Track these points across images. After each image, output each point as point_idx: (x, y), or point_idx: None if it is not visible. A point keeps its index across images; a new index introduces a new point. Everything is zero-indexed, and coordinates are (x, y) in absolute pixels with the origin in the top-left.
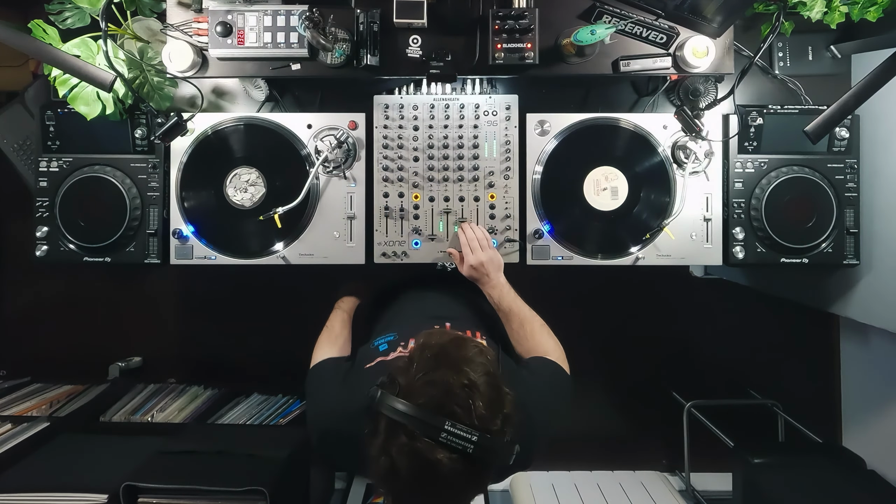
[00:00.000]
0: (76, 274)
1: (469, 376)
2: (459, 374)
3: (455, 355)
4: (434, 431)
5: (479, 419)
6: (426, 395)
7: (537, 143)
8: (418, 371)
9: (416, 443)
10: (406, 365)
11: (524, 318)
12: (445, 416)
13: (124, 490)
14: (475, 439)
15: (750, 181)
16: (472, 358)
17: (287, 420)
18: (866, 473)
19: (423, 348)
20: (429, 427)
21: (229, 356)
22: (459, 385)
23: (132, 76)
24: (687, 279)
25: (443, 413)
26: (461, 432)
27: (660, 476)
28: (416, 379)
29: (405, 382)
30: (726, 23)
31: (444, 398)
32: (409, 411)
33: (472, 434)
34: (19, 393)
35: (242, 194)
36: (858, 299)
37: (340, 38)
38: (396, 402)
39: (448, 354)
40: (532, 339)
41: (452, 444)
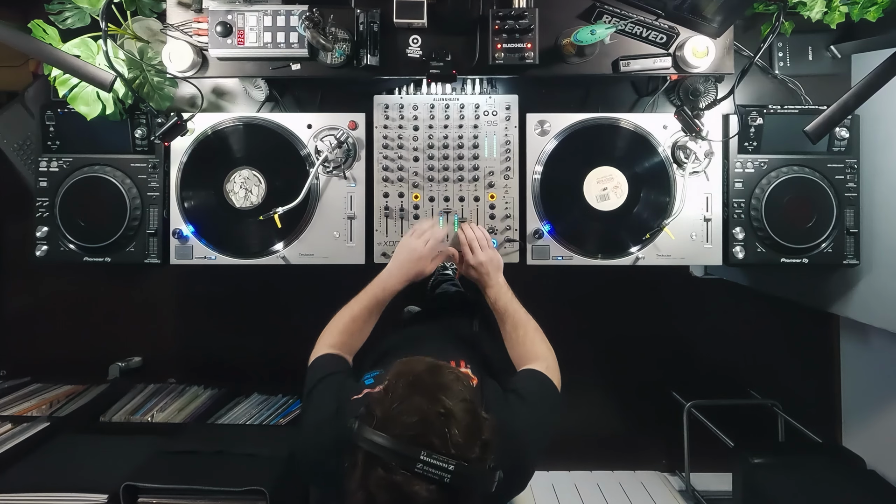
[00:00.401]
0: (76, 274)
1: (445, 404)
2: (435, 403)
3: (430, 382)
4: (410, 462)
5: (456, 447)
6: (401, 426)
7: (537, 143)
8: (393, 401)
9: (393, 475)
10: (382, 395)
11: (518, 321)
12: (421, 447)
13: (124, 490)
14: (452, 468)
15: (750, 181)
16: (448, 385)
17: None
18: (866, 473)
19: (398, 377)
20: (404, 458)
21: (229, 356)
22: (435, 413)
23: (132, 76)
24: (687, 279)
25: (419, 443)
26: (437, 462)
27: (660, 476)
28: (391, 409)
29: (381, 413)
30: (726, 23)
31: (420, 428)
32: (385, 443)
33: (448, 463)
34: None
35: (242, 194)
36: (858, 299)
37: (340, 38)
38: (372, 435)
39: (423, 382)
40: (524, 344)
41: (429, 474)
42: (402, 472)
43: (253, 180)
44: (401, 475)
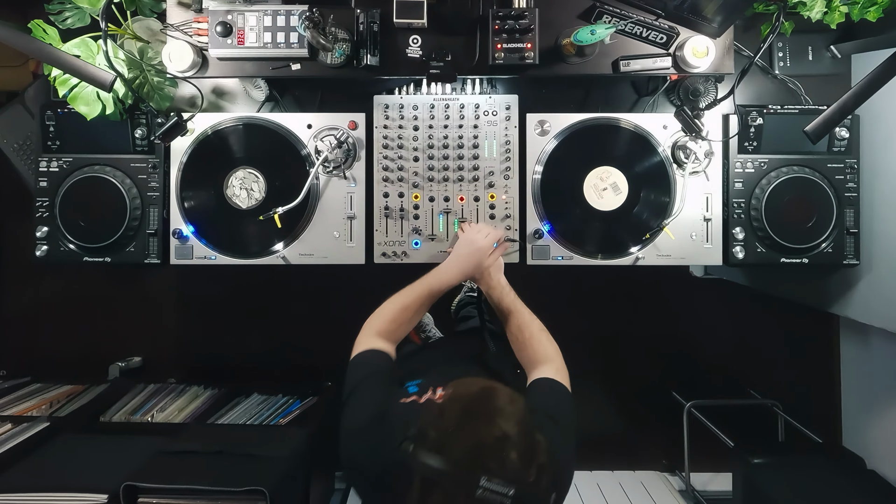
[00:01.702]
0: (76, 274)
1: (501, 428)
2: (492, 427)
3: (486, 407)
4: (471, 488)
5: (514, 471)
6: (460, 450)
7: (537, 143)
8: (449, 423)
9: (453, 500)
10: (436, 417)
11: (523, 321)
12: (481, 471)
13: (124, 490)
14: (512, 493)
15: (750, 181)
16: (503, 408)
17: (287, 420)
18: (866, 473)
19: (453, 399)
20: (465, 483)
21: (229, 356)
22: (492, 438)
23: (132, 76)
24: (687, 279)
25: (477, 468)
26: (497, 487)
27: (660, 476)
28: (448, 433)
29: (436, 436)
30: (726, 23)
31: (478, 452)
32: (444, 468)
33: (508, 488)
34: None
35: (242, 194)
36: (858, 299)
37: (340, 38)
38: (430, 459)
39: (479, 405)
40: (531, 345)
41: (489, 499)
42: (462, 498)
43: (253, 180)
44: (461, 500)
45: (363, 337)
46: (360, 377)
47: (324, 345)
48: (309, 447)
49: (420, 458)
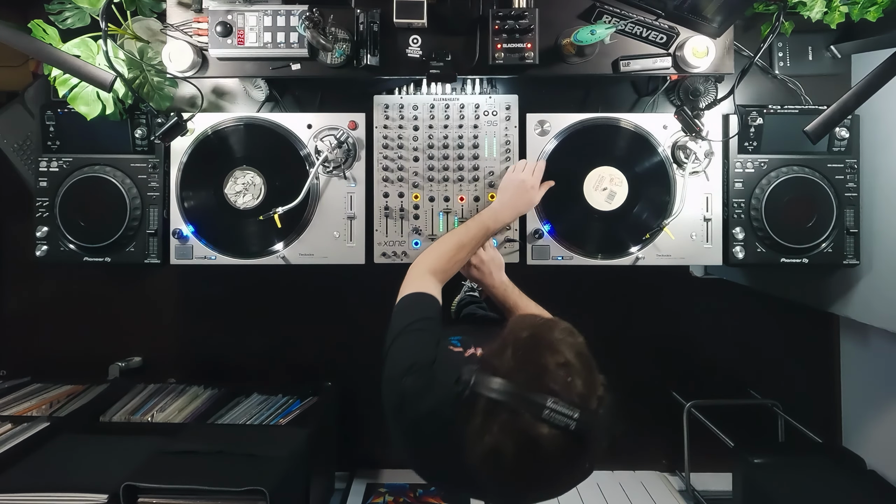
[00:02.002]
0: (76, 274)
1: (565, 355)
2: (555, 354)
3: (548, 337)
4: (537, 408)
5: (579, 397)
6: (525, 375)
7: (537, 143)
8: (514, 352)
9: (520, 419)
10: (499, 348)
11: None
12: (547, 394)
13: (124, 490)
14: (577, 416)
15: (750, 181)
16: (564, 339)
17: (287, 420)
18: (866, 473)
19: (515, 331)
20: (531, 404)
21: (229, 356)
22: (556, 364)
23: (132, 76)
24: (687, 279)
25: (543, 390)
26: (563, 409)
27: (660, 476)
28: (512, 360)
29: (500, 364)
30: (726, 23)
31: (543, 377)
32: (511, 389)
33: (573, 411)
34: (19, 393)
35: (242, 194)
36: (858, 299)
37: (340, 38)
38: (495, 383)
39: (541, 336)
40: None
41: (555, 420)
42: (527, 417)
43: (253, 180)
44: (527, 419)
45: (414, 276)
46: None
47: (324, 345)
48: (309, 447)
49: (484, 382)
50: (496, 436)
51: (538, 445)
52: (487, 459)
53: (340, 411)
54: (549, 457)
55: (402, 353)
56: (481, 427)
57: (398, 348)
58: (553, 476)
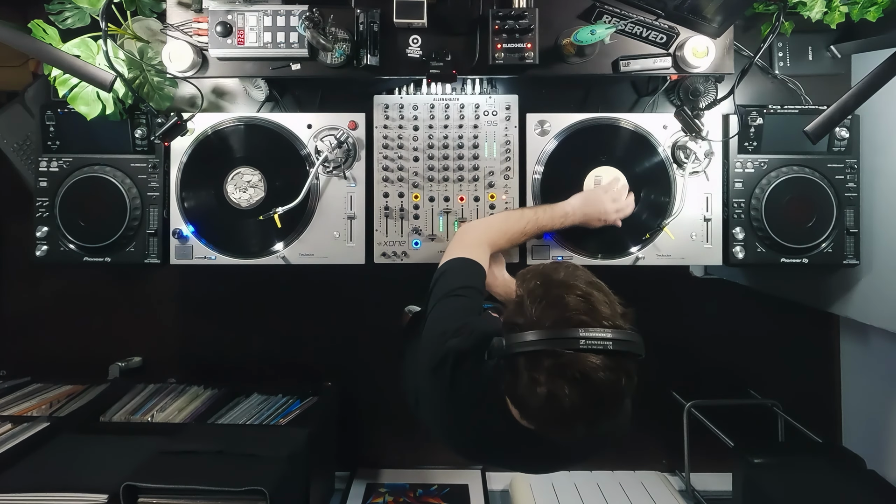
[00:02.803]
0: (76, 274)
1: (580, 287)
2: (570, 289)
3: (557, 277)
4: (573, 343)
5: (606, 318)
6: (550, 318)
7: (537, 143)
8: (532, 302)
9: (561, 359)
10: (517, 305)
11: None
12: (577, 327)
13: (124, 490)
14: (610, 336)
15: (750, 181)
16: (572, 274)
17: (287, 420)
18: (866, 473)
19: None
20: (566, 341)
21: (229, 356)
22: (574, 298)
23: (132, 76)
24: (687, 279)
25: (573, 324)
26: (596, 334)
27: (660, 476)
28: (533, 310)
29: (524, 318)
30: (726, 23)
31: (567, 313)
32: (542, 335)
33: (605, 332)
34: (19, 393)
35: (242, 194)
36: (858, 299)
37: (340, 38)
38: (526, 336)
39: (551, 278)
40: None
41: (593, 346)
42: (568, 355)
43: (253, 180)
44: (568, 357)
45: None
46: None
47: (324, 345)
48: (309, 447)
49: (516, 340)
50: (547, 384)
51: (588, 376)
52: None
53: (340, 411)
54: (603, 381)
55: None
56: (530, 382)
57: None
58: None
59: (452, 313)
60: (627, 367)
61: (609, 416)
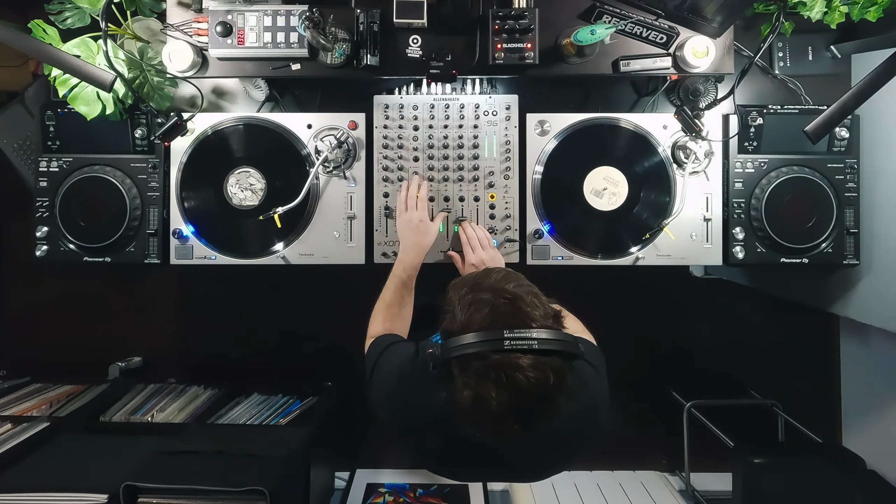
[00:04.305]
0: (76, 274)
1: (508, 290)
2: (498, 293)
3: (487, 282)
4: (498, 343)
5: (533, 320)
6: (478, 322)
7: (537, 143)
8: (462, 309)
9: (488, 361)
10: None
11: None
12: (502, 328)
13: (124, 490)
14: (535, 335)
15: (750, 181)
16: (503, 277)
17: (287, 420)
18: (866, 473)
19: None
20: (492, 342)
21: (229, 356)
22: (502, 301)
23: (132, 76)
24: (687, 279)
25: (499, 327)
26: (521, 334)
27: (660, 476)
28: (463, 316)
29: (457, 325)
30: (726, 23)
31: (495, 316)
32: (471, 339)
33: (531, 332)
34: (19, 393)
35: (242, 194)
36: (858, 299)
37: (340, 38)
38: (457, 341)
39: (481, 283)
40: None
41: (519, 346)
42: (494, 357)
43: (253, 180)
44: (494, 359)
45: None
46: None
47: (324, 345)
48: (309, 447)
49: (450, 345)
50: (475, 386)
51: (513, 376)
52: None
53: (340, 411)
54: (529, 381)
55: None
56: (461, 384)
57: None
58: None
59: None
60: (557, 367)
61: (543, 415)
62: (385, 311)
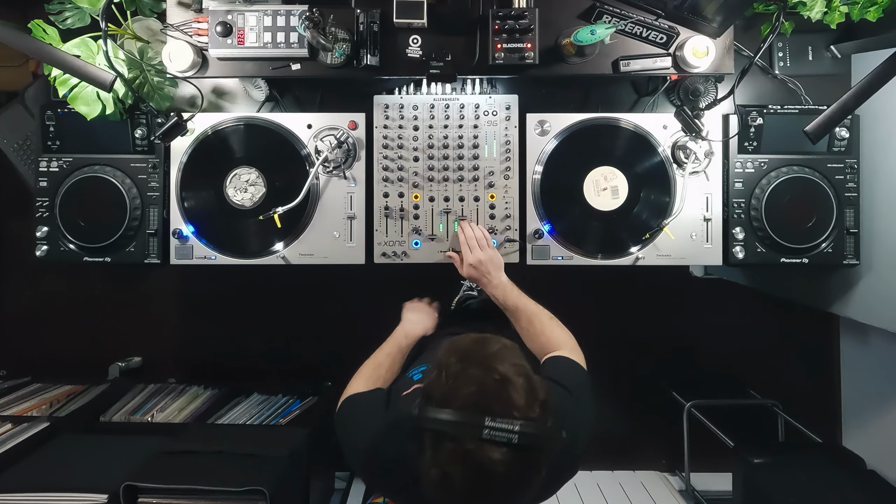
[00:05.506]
0: (76, 274)
1: (498, 370)
2: (489, 371)
3: (481, 353)
4: (476, 430)
5: (517, 409)
6: (462, 398)
7: (537, 143)
8: (449, 377)
9: (462, 445)
10: (436, 376)
11: (531, 313)
12: (484, 413)
13: (124, 490)
14: (517, 428)
15: (750, 181)
16: (498, 353)
17: (287, 420)
18: (866, 473)
19: (448, 354)
20: (470, 427)
21: (229, 356)
22: (491, 380)
23: (132, 76)
24: (687, 279)
25: (481, 410)
26: (502, 425)
27: (660, 476)
28: (448, 385)
29: (439, 393)
30: (726, 23)
31: (479, 396)
32: (449, 417)
33: (513, 424)
34: (19, 393)
35: (242, 194)
36: (858, 299)
37: (340, 38)
38: (435, 413)
39: (474, 354)
40: (542, 334)
41: (497, 438)
42: (470, 441)
43: (253, 180)
44: (469, 444)
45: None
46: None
47: (324, 345)
48: (309, 447)
49: (427, 414)
50: (445, 465)
51: (484, 467)
52: (440, 487)
53: None
54: (497, 475)
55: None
56: (431, 459)
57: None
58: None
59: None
60: (533, 461)
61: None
62: (371, 371)
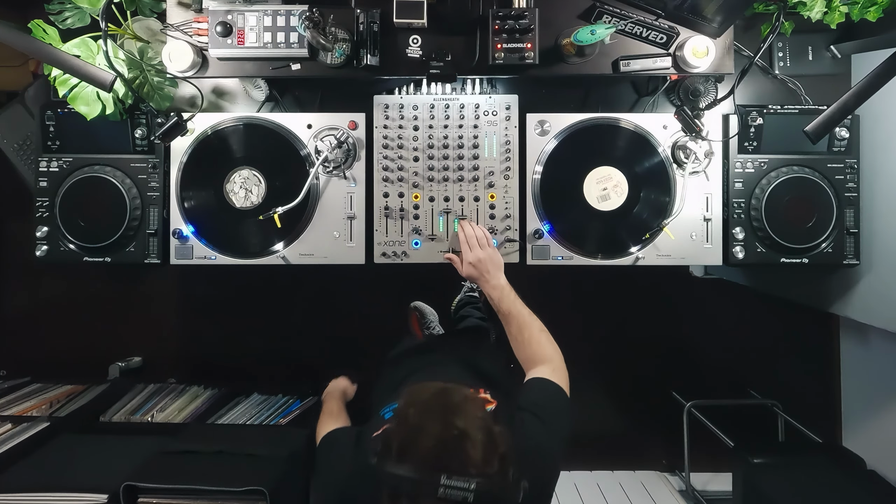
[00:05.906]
0: (76, 274)
1: (457, 425)
2: (448, 425)
3: (441, 405)
4: (432, 488)
5: (475, 466)
6: (418, 454)
7: (537, 143)
8: (407, 429)
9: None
10: (396, 426)
11: (523, 322)
12: (440, 471)
13: (124, 490)
14: (473, 486)
15: (750, 181)
16: (459, 405)
17: (287, 420)
18: (866, 473)
19: (408, 405)
20: (426, 485)
21: (229, 356)
22: (449, 436)
23: (132, 76)
24: (687, 279)
25: (437, 468)
26: (458, 483)
27: (660, 476)
28: (406, 437)
29: (397, 444)
30: (726, 23)
31: (437, 452)
32: (406, 474)
33: (469, 482)
34: (19, 393)
35: (242, 194)
36: (858, 299)
37: (340, 38)
38: (392, 468)
39: (433, 406)
40: (530, 345)
41: (452, 497)
42: (426, 499)
43: (253, 180)
44: (426, 502)
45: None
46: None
47: (324, 344)
48: (309, 447)
49: (384, 468)
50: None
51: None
52: None
53: None
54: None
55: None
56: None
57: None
58: None
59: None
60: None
61: None
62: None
